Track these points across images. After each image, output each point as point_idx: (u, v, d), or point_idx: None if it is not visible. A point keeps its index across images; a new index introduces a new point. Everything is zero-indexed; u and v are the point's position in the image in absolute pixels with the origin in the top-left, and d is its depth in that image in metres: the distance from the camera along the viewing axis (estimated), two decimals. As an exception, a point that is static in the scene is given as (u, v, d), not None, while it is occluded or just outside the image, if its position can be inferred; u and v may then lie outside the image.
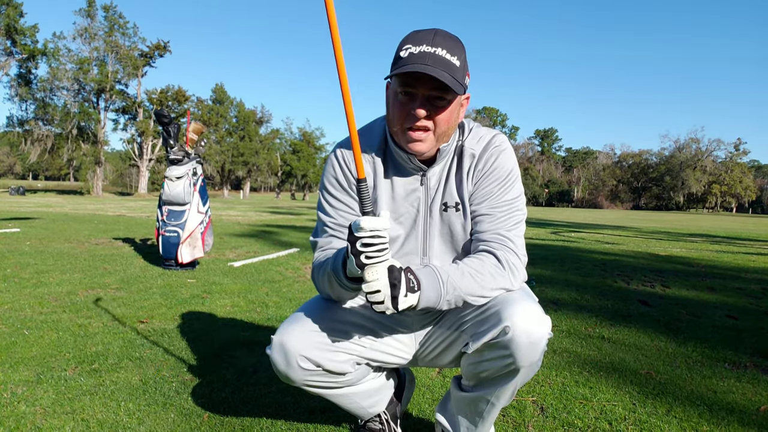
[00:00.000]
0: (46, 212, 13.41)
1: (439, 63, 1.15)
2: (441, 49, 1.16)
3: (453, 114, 1.23)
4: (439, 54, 1.15)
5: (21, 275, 4.17)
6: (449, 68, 1.15)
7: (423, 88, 1.17)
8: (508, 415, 1.77)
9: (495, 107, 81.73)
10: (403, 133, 1.24)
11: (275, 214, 16.31)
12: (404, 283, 1.08)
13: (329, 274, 1.23)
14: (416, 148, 1.24)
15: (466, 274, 1.20)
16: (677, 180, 74.20)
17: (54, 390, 1.90)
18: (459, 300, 1.20)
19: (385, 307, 1.07)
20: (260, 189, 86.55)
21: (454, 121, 1.25)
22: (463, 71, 1.20)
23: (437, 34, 1.18)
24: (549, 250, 7.30)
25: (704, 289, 4.36)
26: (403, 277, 1.09)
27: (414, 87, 1.18)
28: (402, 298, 1.08)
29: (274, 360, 1.28)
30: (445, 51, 1.16)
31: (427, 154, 1.28)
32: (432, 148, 1.27)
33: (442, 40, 1.17)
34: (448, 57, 1.16)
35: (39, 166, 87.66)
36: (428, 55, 1.15)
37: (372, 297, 1.07)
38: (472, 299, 1.21)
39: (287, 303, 3.47)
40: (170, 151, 4.87)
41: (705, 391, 2.04)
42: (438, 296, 1.16)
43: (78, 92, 40.21)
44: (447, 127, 1.24)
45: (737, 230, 15.80)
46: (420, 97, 1.19)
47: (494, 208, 1.30)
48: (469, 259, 1.25)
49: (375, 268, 1.06)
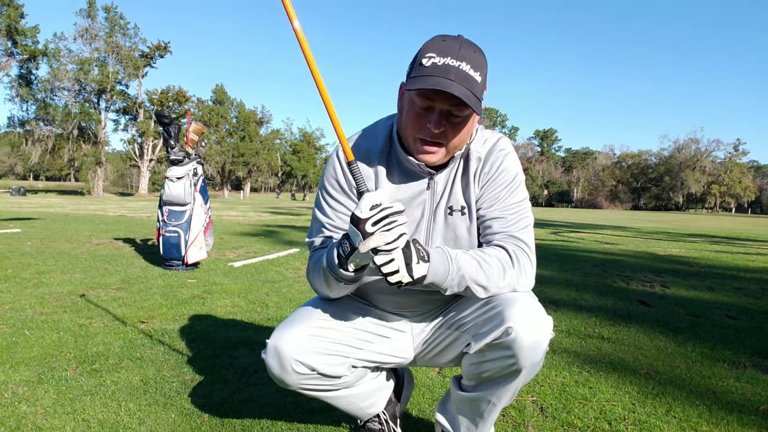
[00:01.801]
0: (47, 212, 13.42)
1: (462, 79, 1.11)
2: (466, 63, 1.12)
3: (469, 130, 1.22)
4: (463, 69, 1.11)
5: (22, 275, 4.18)
6: (471, 85, 1.12)
7: (442, 103, 1.14)
8: (508, 415, 1.78)
9: (495, 108, 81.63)
10: (414, 143, 1.23)
11: (275, 215, 16.31)
12: (415, 252, 1.08)
13: (324, 269, 1.21)
14: (427, 159, 1.23)
15: (473, 259, 1.19)
16: (676, 180, 74.17)
17: (55, 390, 1.91)
18: (463, 284, 1.17)
19: (401, 275, 1.06)
20: (260, 189, 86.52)
21: (466, 135, 1.23)
22: (483, 87, 1.16)
23: (463, 46, 1.14)
24: (549, 251, 7.30)
25: (703, 289, 4.37)
26: (412, 246, 1.08)
27: (432, 100, 1.15)
28: (415, 265, 1.07)
29: (269, 364, 1.27)
30: (469, 66, 1.12)
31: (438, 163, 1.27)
32: (443, 159, 1.26)
33: (467, 52, 1.13)
34: (471, 73, 1.12)
35: (40, 167, 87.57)
36: (452, 69, 1.11)
37: (386, 268, 1.05)
38: (476, 287, 1.19)
39: (287, 303, 3.47)
40: (171, 151, 4.88)
41: (704, 391, 2.04)
42: (445, 271, 1.14)
43: (79, 93, 40.28)
44: (460, 142, 1.23)
45: (736, 230, 15.78)
46: (437, 112, 1.16)
47: (504, 211, 1.29)
48: (480, 250, 1.24)
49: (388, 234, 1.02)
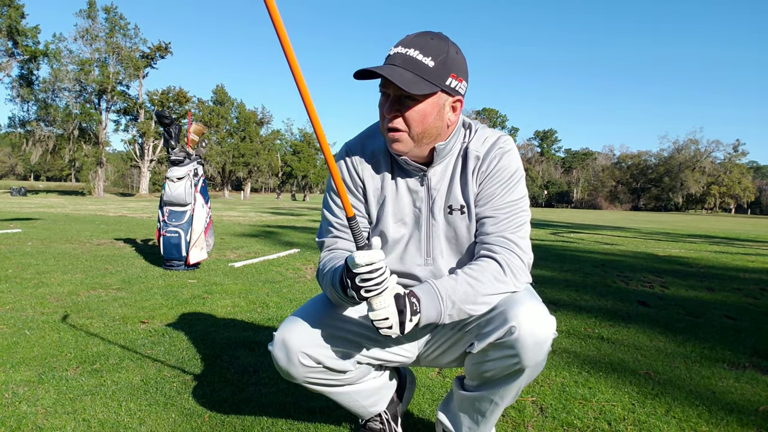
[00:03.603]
0: (48, 213, 13.42)
1: (407, 63, 1.15)
2: (413, 49, 1.16)
3: (429, 115, 1.20)
4: (409, 54, 1.15)
5: (22, 275, 4.18)
6: (417, 68, 1.15)
7: (392, 88, 1.18)
8: (508, 416, 1.78)
9: (495, 108, 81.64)
10: (385, 134, 1.25)
11: (276, 215, 16.31)
12: (409, 307, 1.12)
13: (331, 287, 1.25)
14: (395, 148, 1.25)
15: (464, 284, 1.20)
16: (676, 181, 74.13)
17: (55, 390, 1.91)
18: (461, 313, 1.21)
19: (393, 332, 1.11)
20: (261, 190, 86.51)
21: (432, 121, 1.21)
22: (441, 72, 1.16)
23: (419, 35, 1.18)
24: (548, 251, 7.30)
25: (703, 290, 4.37)
26: (408, 302, 1.12)
27: (386, 87, 1.20)
28: (408, 323, 1.12)
29: (276, 356, 1.29)
30: (417, 51, 1.15)
31: (416, 153, 1.27)
32: (413, 149, 1.25)
33: (420, 40, 1.17)
34: (419, 57, 1.15)
35: (40, 167, 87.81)
36: (398, 55, 1.16)
37: (380, 323, 1.11)
38: (473, 308, 1.21)
39: (288, 303, 3.47)
40: (171, 152, 4.88)
41: (704, 392, 2.05)
42: (438, 313, 1.18)
43: (79, 93, 40.27)
44: (423, 128, 1.21)
45: (736, 231, 15.78)
46: (391, 98, 1.20)
47: (497, 210, 1.28)
48: (470, 268, 1.24)
49: (382, 297, 1.10)
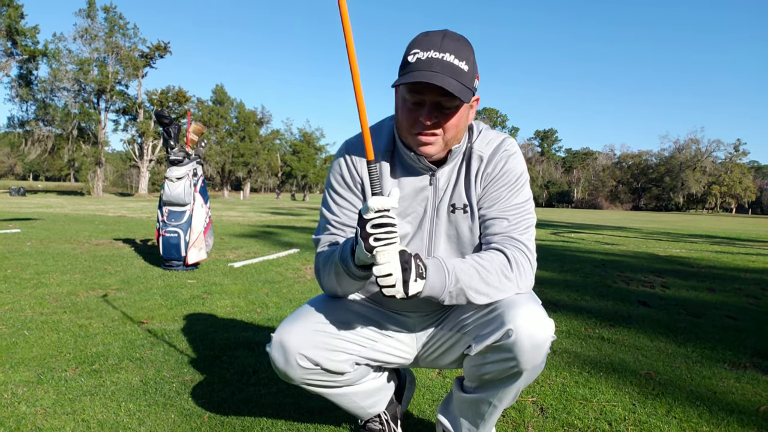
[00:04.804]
0: (47, 213, 13.41)
1: (447, 69, 1.13)
2: (449, 54, 1.14)
3: (462, 119, 1.22)
4: (447, 60, 1.13)
5: (21, 276, 4.18)
6: (457, 74, 1.14)
7: (430, 95, 1.15)
8: (508, 416, 1.78)
9: (495, 108, 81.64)
10: (412, 137, 1.24)
11: (275, 215, 16.31)
12: (414, 267, 1.08)
13: (336, 264, 1.21)
14: (426, 151, 1.24)
15: (471, 267, 1.18)
16: (677, 181, 74.17)
17: (54, 390, 1.90)
18: (461, 294, 1.18)
19: (396, 290, 1.06)
20: (260, 190, 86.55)
21: (463, 125, 1.25)
22: (472, 75, 1.18)
23: (446, 37, 1.16)
24: (549, 251, 7.30)
25: (704, 290, 4.36)
26: (413, 262, 1.08)
27: (422, 94, 1.16)
28: (412, 283, 1.07)
29: (273, 358, 1.28)
30: (453, 56, 1.14)
31: (438, 156, 1.28)
32: (442, 151, 1.26)
33: (450, 43, 1.15)
34: (456, 62, 1.14)
35: (39, 167, 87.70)
36: (436, 61, 1.13)
37: (383, 281, 1.05)
38: (474, 295, 1.18)
39: (287, 304, 3.47)
40: (171, 151, 4.87)
41: (705, 392, 2.04)
42: (442, 286, 1.15)
43: (78, 93, 40.21)
44: (456, 132, 1.23)
45: (737, 231, 15.78)
46: (428, 105, 1.17)
47: (505, 212, 1.29)
48: (478, 256, 1.23)
49: (386, 250, 1.05)
